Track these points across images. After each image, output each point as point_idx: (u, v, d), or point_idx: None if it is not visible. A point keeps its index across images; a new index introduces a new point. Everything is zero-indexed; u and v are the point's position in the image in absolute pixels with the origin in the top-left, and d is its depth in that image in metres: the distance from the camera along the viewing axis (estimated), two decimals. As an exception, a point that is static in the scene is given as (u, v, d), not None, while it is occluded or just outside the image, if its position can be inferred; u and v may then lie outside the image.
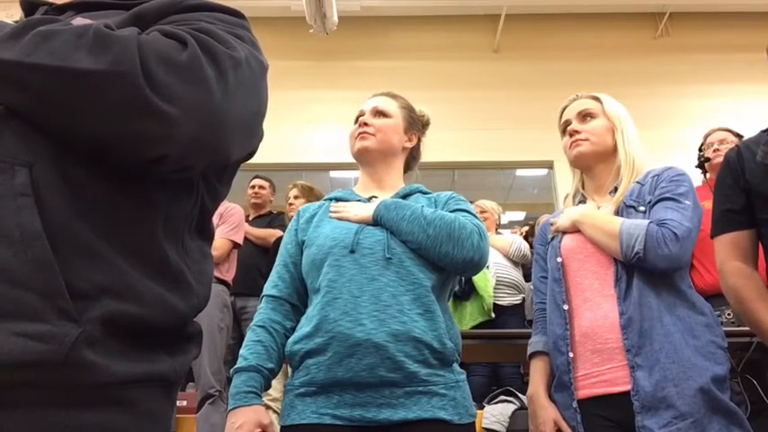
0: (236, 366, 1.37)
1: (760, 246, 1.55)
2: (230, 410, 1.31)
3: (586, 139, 1.57)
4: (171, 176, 0.76)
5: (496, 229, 4.23)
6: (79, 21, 0.77)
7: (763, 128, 1.57)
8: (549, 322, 1.53)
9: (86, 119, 0.67)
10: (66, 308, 0.63)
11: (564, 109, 1.66)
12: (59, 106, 0.67)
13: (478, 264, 1.40)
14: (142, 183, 0.74)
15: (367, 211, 1.44)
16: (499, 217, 4.25)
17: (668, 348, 1.33)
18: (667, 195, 1.43)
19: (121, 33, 0.68)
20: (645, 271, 1.39)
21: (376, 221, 1.42)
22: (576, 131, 1.58)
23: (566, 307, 1.49)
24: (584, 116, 1.60)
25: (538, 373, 1.55)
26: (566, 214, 1.58)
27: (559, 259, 1.54)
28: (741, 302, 1.50)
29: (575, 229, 1.53)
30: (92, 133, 0.68)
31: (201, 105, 0.69)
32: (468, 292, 3.70)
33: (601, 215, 1.48)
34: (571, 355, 1.45)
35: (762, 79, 1.63)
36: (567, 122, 1.62)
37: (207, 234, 0.88)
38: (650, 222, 1.38)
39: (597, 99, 1.62)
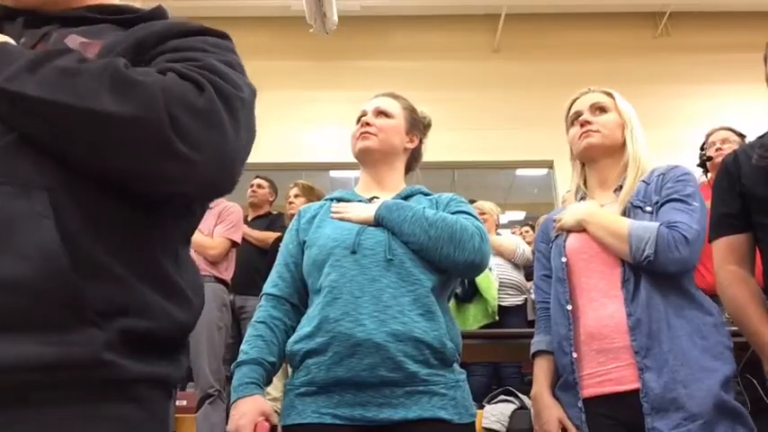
0: (237, 360, 1.37)
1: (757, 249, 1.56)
2: (233, 403, 1.31)
3: (598, 131, 1.56)
4: (176, 203, 0.82)
5: (495, 230, 4.23)
6: (74, 40, 0.80)
7: (762, 132, 1.58)
8: (554, 322, 1.52)
9: (109, 158, 0.71)
10: (92, 318, 0.68)
11: (574, 100, 1.64)
12: (82, 144, 0.70)
13: (479, 266, 1.40)
14: (148, 205, 0.78)
15: (368, 211, 1.44)
16: (498, 218, 4.26)
17: (676, 350, 1.33)
18: (675, 197, 1.43)
19: (146, 78, 0.71)
20: (653, 273, 1.38)
21: (377, 222, 1.42)
22: (588, 122, 1.57)
23: (569, 307, 1.48)
24: (597, 109, 1.59)
25: (541, 373, 1.54)
26: (569, 212, 1.56)
27: (564, 259, 1.53)
28: (735, 306, 1.51)
29: (579, 228, 1.52)
30: (112, 171, 0.72)
31: (219, 149, 0.73)
32: (470, 294, 3.69)
33: (608, 215, 1.47)
34: (575, 355, 1.44)
35: (761, 79, 1.63)
36: (579, 113, 1.60)
37: (190, 241, 0.92)
38: (660, 225, 1.37)
39: (610, 95, 1.62)
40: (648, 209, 1.44)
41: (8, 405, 0.64)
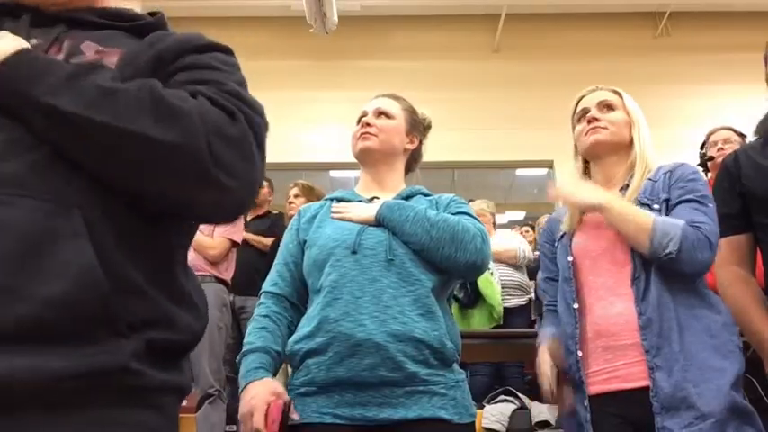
0: (242, 351, 1.37)
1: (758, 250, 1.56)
2: (242, 389, 1.30)
3: (606, 128, 1.55)
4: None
5: (494, 229, 4.23)
6: (89, 47, 0.80)
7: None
8: (562, 322, 1.52)
9: (147, 181, 0.73)
10: (122, 331, 0.71)
11: (581, 98, 1.63)
12: (120, 165, 0.72)
13: (480, 267, 1.40)
14: (167, 220, 0.80)
15: (369, 211, 1.44)
16: (493, 216, 4.24)
17: (687, 349, 1.32)
18: (691, 197, 1.41)
19: (183, 104, 0.72)
20: (665, 271, 1.37)
21: (378, 222, 1.41)
22: (596, 119, 1.56)
23: (575, 306, 1.47)
24: (605, 106, 1.58)
25: (543, 348, 1.53)
26: (587, 188, 1.50)
27: (570, 258, 1.52)
28: (736, 306, 1.51)
29: (593, 210, 1.47)
30: (148, 193, 0.74)
31: (250, 176, 0.77)
32: (474, 299, 3.68)
33: (630, 205, 1.44)
34: (580, 353, 1.44)
35: (761, 79, 1.63)
36: (586, 110, 1.59)
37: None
38: (685, 223, 1.36)
39: (618, 93, 1.62)
40: (656, 206, 1.43)
41: (36, 411, 0.66)
